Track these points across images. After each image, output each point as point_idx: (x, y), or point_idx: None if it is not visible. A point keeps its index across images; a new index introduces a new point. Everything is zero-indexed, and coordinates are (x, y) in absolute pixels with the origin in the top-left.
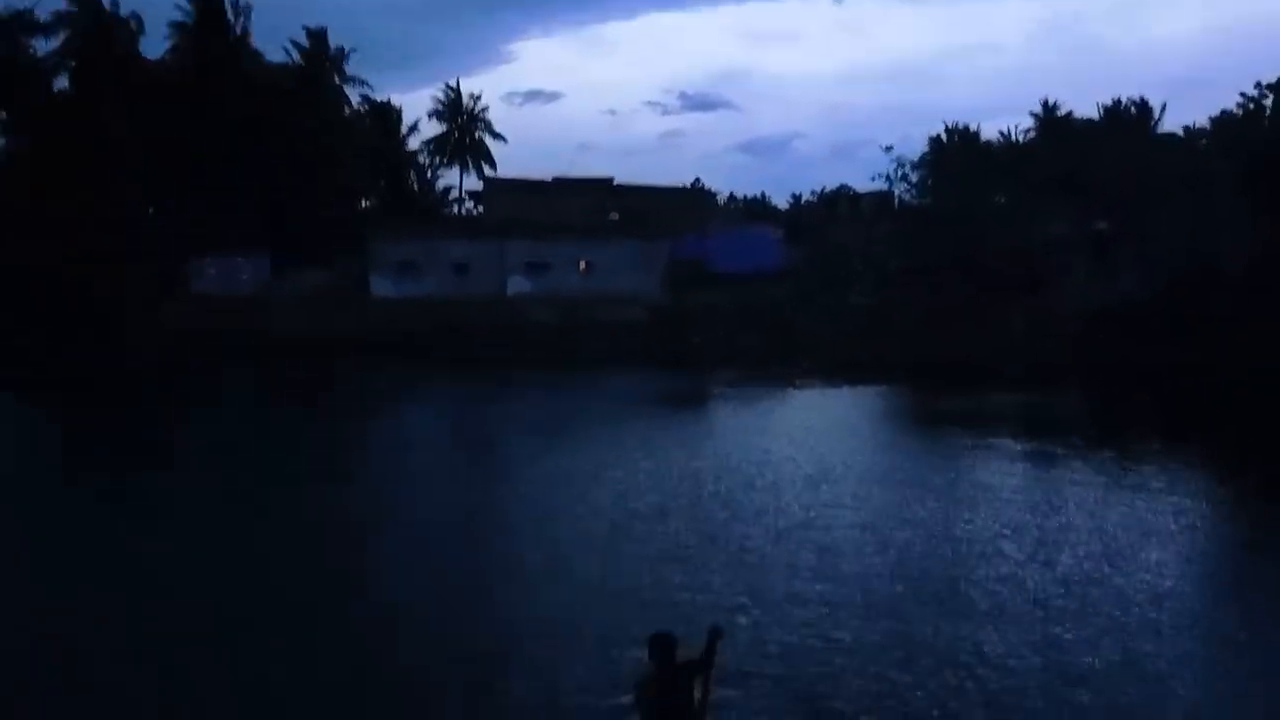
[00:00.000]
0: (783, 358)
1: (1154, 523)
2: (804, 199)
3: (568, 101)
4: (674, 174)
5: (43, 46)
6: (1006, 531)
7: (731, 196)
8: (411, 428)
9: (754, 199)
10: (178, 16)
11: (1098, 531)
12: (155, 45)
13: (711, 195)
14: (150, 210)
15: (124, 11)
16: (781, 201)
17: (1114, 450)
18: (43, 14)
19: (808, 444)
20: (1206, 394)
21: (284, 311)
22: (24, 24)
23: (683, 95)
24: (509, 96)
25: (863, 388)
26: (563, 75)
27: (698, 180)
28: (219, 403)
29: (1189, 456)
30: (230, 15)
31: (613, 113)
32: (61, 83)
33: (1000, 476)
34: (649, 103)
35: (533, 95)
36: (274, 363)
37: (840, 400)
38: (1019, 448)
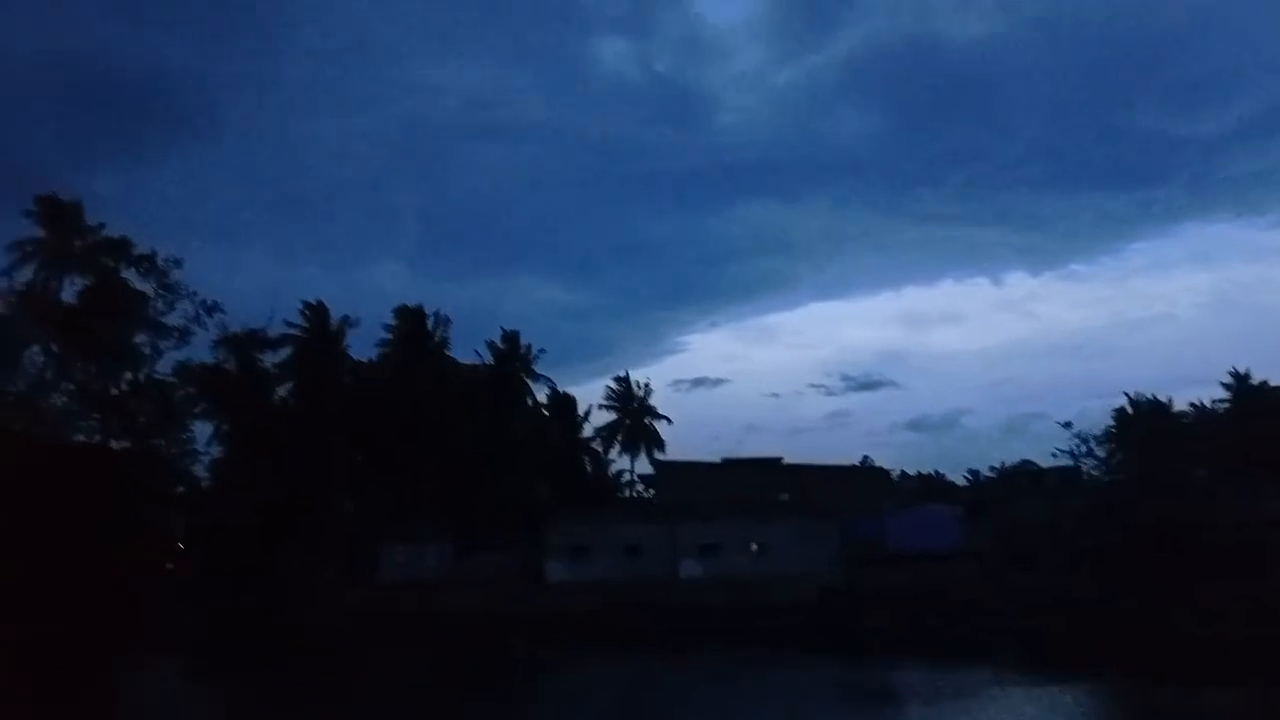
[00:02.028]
0: (972, 645)
1: None
2: (982, 475)
3: (732, 386)
4: (842, 452)
5: (269, 358)
6: None
7: (903, 474)
8: (581, 714)
9: (928, 476)
10: (389, 320)
11: None
12: (367, 349)
13: (883, 473)
14: (350, 501)
15: (342, 320)
16: (957, 478)
17: None
18: (272, 329)
19: None
20: None
21: (463, 594)
22: (256, 341)
23: (845, 377)
24: (676, 384)
25: (1070, 682)
26: (727, 363)
27: (866, 458)
28: (398, 679)
29: None
30: (431, 325)
31: (776, 395)
32: (279, 388)
33: None
34: (812, 385)
35: (699, 382)
36: (451, 642)
37: (1050, 699)
38: None
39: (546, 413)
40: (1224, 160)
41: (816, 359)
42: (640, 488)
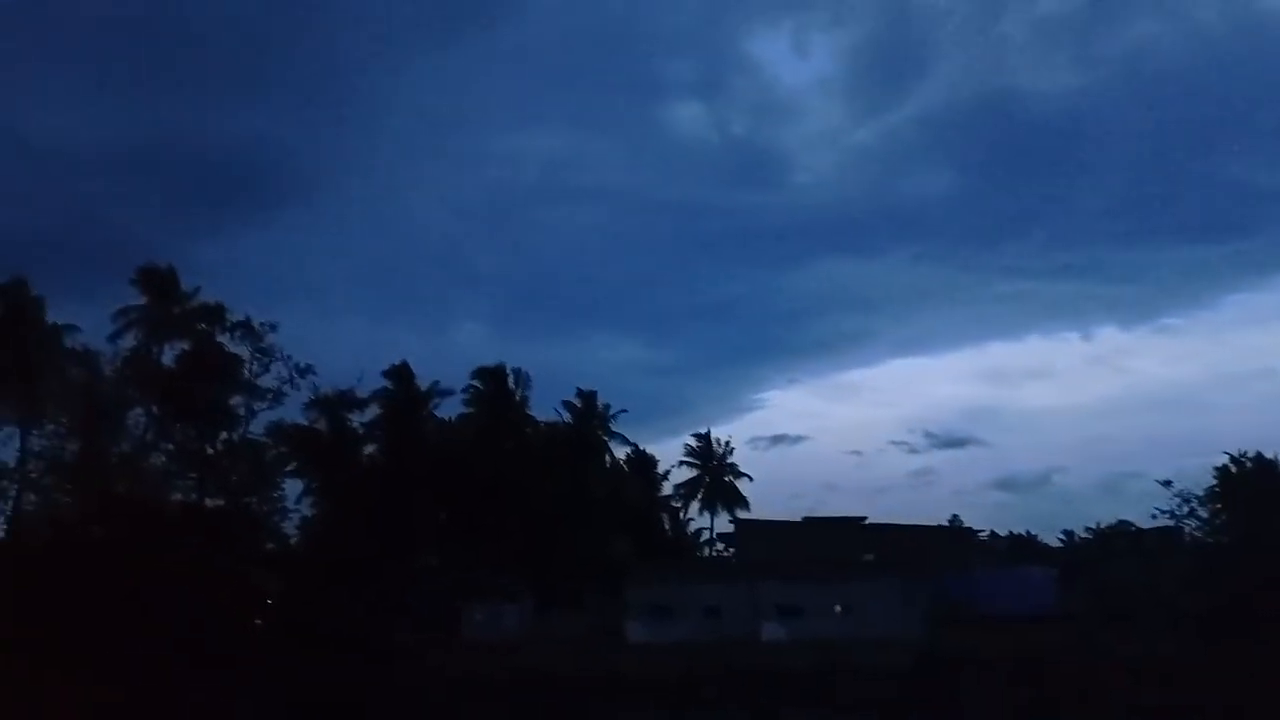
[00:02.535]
0: (1072, 711)
1: None
2: (1077, 536)
3: (812, 444)
4: (928, 511)
5: (357, 418)
6: None
7: (993, 534)
8: None
9: (1019, 536)
10: (471, 380)
11: None
12: (450, 407)
13: (972, 533)
14: (435, 559)
15: (428, 384)
16: (1050, 539)
17: None
18: (361, 390)
19: None
20: None
21: (545, 653)
22: (346, 401)
23: (928, 434)
24: (754, 441)
25: None
26: (807, 420)
27: (955, 518)
28: None
29: None
30: (512, 384)
31: (858, 453)
32: (366, 447)
33: None
34: (894, 442)
35: (778, 439)
36: (531, 702)
37: None
38: None
39: (625, 469)
40: None
41: (898, 416)
42: (720, 546)
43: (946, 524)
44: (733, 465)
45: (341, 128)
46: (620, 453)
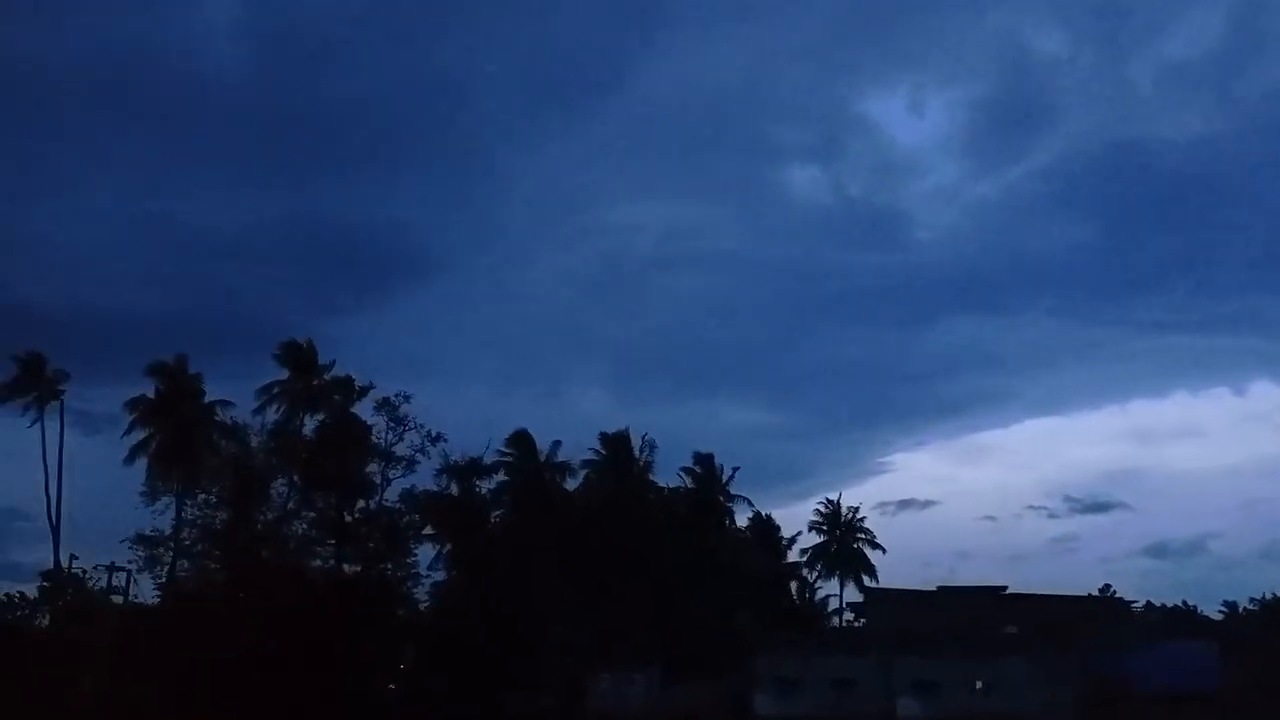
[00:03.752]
0: None
1: None
2: (1241, 607)
3: (942, 509)
4: (1071, 580)
5: (484, 484)
6: None
7: (1148, 605)
8: None
9: (1175, 608)
10: (594, 444)
11: None
12: (574, 473)
13: (1125, 604)
14: (560, 627)
15: (549, 448)
16: (1210, 610)
17: None
18: (488, 458)
19: None
20: None
21: None
22: (475, 469)
23: (1068, 498)
24: (881, 506)
25: None
26: (936, 484)
27: (1108, 587)
28: None
29: None
30: (638, 450)
31: (992, 519)
32: (493, 513)
33: None
34: (1031, 507)
35: (905, 504)
36: None
37: None
38: None
39: (748, 534)
40: None
41: (1035, 479)
42: (849, 616)
43: (1097, 594)
44: (867, 530)
45: (466, 205)
46: (742, 519)
